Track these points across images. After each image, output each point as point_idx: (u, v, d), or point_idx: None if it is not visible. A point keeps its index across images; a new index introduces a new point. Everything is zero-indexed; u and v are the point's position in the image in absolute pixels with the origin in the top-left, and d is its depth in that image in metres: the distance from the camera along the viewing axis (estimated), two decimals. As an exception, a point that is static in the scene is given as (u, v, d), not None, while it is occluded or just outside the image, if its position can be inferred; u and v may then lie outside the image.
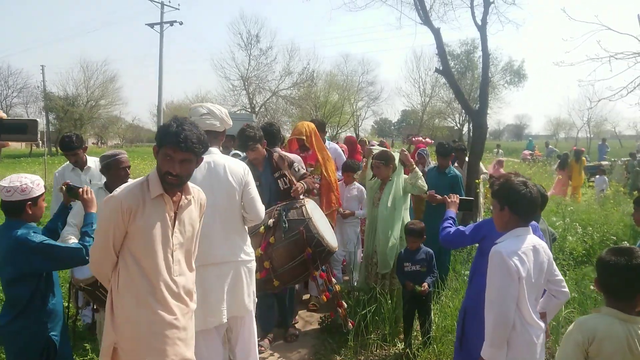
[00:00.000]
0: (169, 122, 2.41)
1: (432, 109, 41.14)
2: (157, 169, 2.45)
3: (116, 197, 2.37)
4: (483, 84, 8.30)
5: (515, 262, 2.48)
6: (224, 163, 3.29)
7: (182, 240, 2.53)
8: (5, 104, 39.27)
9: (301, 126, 5.27)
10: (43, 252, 2.79)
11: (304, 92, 35.33)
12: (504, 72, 37.04)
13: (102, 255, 2.44)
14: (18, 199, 2.80)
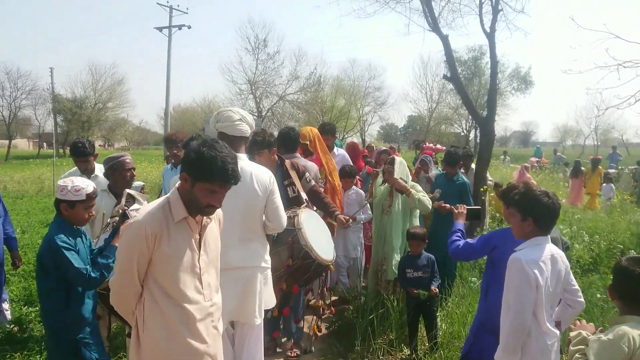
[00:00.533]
0: (205, 152, 2.16)
1: (439, 115, 41.15)
2: (184, 195, 2.26)
3: (139, 222, 2.19)
4: (491, 91, 8.33)
5: (534, 270, 2.51)
6: (251, 170, 3.28)
7: (208, 262, 2.41)
8: (14, 106, 39.51)
9: (305, 131, 5.24)
10: (56, 256, 2.84)
11: (310, 96, 35.44)
12: (511, 78, 37.07)
13: (125, 287, 2.26)
14: (60, 197, 2.93)
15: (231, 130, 3.30)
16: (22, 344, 4.35)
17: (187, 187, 2.21)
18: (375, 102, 42.82)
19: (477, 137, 37.72)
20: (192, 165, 2.18)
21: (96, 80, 42.04)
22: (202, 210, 2.26)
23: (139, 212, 2.25)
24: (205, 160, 2.14)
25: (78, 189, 2.94)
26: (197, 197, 2.20)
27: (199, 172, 2.16)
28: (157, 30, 31.79)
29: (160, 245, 2.20)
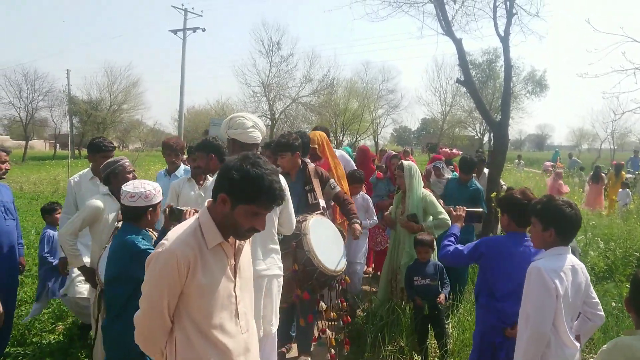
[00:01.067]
0: (250, 170, 1.90)
1: (453, 118, 40.89)
2: (220, 217, 1.99)
3: (169, 250, 1.90)
4: (505, 95, 8.24)
5: (555, 280, 2.48)
6: None
7: (244, 288, 2.17)
8: (31, 107, 40.02)
9: (313, 135, 5.24)
10: (139, 259, 2.70)
11: (324, 99, 35.44)
12: (526, 82, 36.70)
13: (153, 324, 1.99)
14: (141, 204, 2.88)
15: (244, 137, 3.29)
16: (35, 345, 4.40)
17: (226, 210, 1.94)
18: (389, 104, 42.73)
19: (491, 141, 37.41)
20: (235, 185, 1.90)
21: (111, 82, 42.49)
22: (242, 235, 2.02)
23: (169, 240, 1.95)
24: (251, 180, 1.89)
25: (158, 189, 3.00)
26: (237, 221, 1.94)
27: (243, 193, 1.91)
28: (172, 32, 32.05)
29: (195, 275, 1.94)
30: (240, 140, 3.30)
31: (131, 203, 2.87)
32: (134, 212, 2.90)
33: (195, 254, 1.94)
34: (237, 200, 1.92)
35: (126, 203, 2.88)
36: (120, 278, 2.84)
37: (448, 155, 9.22)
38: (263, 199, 1.92)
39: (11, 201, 4.27)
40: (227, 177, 1.91)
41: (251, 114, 3.45)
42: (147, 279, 1.96)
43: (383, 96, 41.74)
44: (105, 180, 3.77)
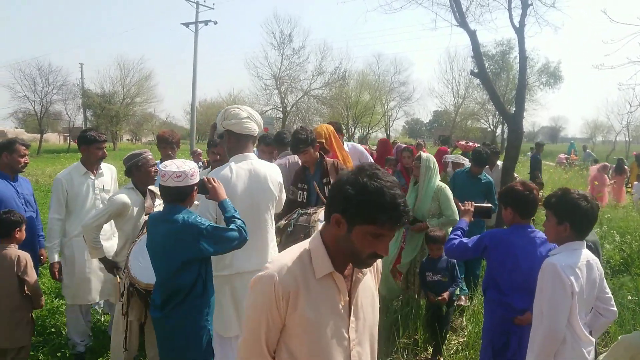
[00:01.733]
0: (368, 184, 1.54)
1: (465, 110, 40.61)
2: (334, 242, 1.66)
3: (270, 275, 1.63)
4: (520, 88, 8.17)
5: (570, 276, 2.45)
6: (265, 172, 3.27)
7: (362, 330, 1.78)
8: (45, 101, 40.33)
9: (320, 129, 5.20)
10: (212, 236, 2.75)
11: (335, 91, 35.40)
12: (540, 73, 36.31)
13: (251, 353, 1.72)
14: (189, 183, 2.82)
15: (238, 128, 3.24)
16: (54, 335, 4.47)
17: (341, 233, 1.60)
18: (401, 97, 42.57)
19: (504, 133, 37.15)
20: (350, 203, 1.56)
21: (124, 75, 42.70)
22: (362, 262, 1.66)
23: (272, 263, 1.69)
24: (369, 196, 1.53)
25: (196, 171, 2.90)
26: (355, 245, 1.60)
27: (362, 211, 1.55)
28: (184, 26, 32.11)
29: (296, 307, 1.64)
30: (235, 132, 3.26)
31: (177, 183, 2.78)
32: (180, 193, 2.82)
33: (298, 283, 1.64)
34: (354, 220, 1.57)
35: (172, 184, 2.78)
36: (187, 263, 2.78)
37: (464, 148, 9.10)
38: (385, 218, 1.54)
39: (31, 194, 4.32)
40: (341, 193, 1.58)
41: (248, 106, 3.42)
42: (248, 302, 1.72)
43: (395, 88, 41.62)
44: (127, 172, 3.77)
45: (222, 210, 2.94)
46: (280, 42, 34.06)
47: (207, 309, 2.89)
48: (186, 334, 2.83)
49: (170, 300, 2.81)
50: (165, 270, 2.82)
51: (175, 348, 2.86)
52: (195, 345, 2.85)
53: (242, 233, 2.82)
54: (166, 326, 2.85)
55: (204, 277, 2.86)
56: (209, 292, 2.90)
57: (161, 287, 2.86)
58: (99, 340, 4.46)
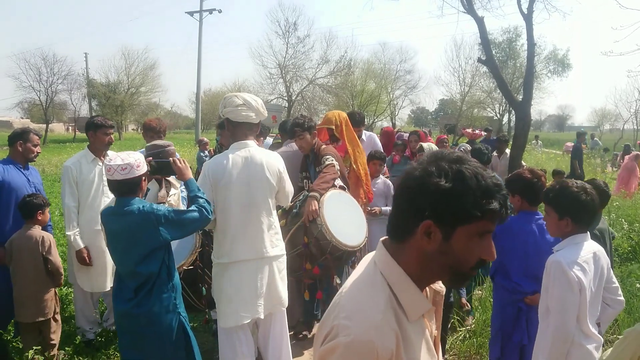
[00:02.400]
0: (465, 170, 1.15)
1: (472, 99, 40.34)
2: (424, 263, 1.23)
3: (363, 341, 1.14)
4: (527, 75, 8.11)
5: (577, 273, 2.36)
6: (261, 158, 3.22)
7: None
8: (50, 91, 40.43)
9: (331, 115, 5.03)
10: (171, 221, 2.79)
11: (340, 80, 35.24)
12: (548, 61, 35.98)
13: None
14: (135, 175, 2.80)
15: (234, 115, 3.20)
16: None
17: (434, 246, 1.18)
18: (406, 85, 42.38)
19: (510, 121, 36.95)
20: (449, 198, 1.15)
21: (129, 65, 42.68)
22: (465, 276, 1.25)
23: (353, 321, 1.17)
24: (472, 182, 1.15)
25: (142, 158, 2.89)
26: (458, 255, 1.19)
27: (465, 205, 1.14)
28: (189, 14, 31.98)
29: None
30: (232, 119, 3.23)
31: (124, 176, 2.76)
32: (129, 184, 2.81)
33: (398, 337, 1.19)
34: (455, 221, 1.16)
35: (119, 177, 2.76)
36: (151, 252, 2.81)
37: (471, 135, 9.02)
38: (494, 206, 1.15)
39: (40, 183, 4.33)
40: (428, 191, 1.16)
41: (250, 94, 3.36)
42: None
43: (400, 77, 41.46)
44: None
45: (187, 189, 3.02)
46: (285, 31, 33.94)
47: (174, 294, 2.92)
48: (158, 321, 2.85)
49: (140, 291, 2.84)
50: (132, 261, 2.83)
51: (149, 336, 2.87)
52: (168, 330, 2.88)
53: (203, 212, 2.86)
54: (137, 316, 2.85)
55: (167, 263, 2.89)
56: (173, 277, 2.94)
57: (129, 279, 2.87)
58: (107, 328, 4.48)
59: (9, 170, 4.01)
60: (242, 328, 3.25)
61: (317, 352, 1.21)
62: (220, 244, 3.23)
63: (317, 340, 1.24)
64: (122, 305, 2.89)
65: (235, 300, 3.18)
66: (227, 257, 3.19)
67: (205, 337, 4.37)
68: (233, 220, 3.16)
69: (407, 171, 1.24)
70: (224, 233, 3.20)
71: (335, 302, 1.26)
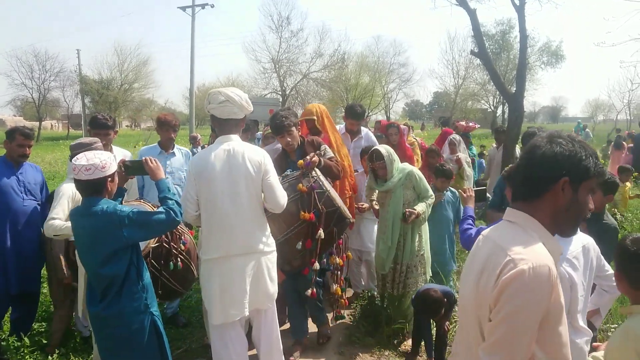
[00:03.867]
0: (573, 137, 1.58)
1: (466, 91, 40.48)
2: (557, 214, 1.55)
3: (543, 266, 1.42)
4: (520, 67, 8.12)
5: (566, 269, 2.32)
6: (243, 151, 3.16)
7: None
8: (43, 88, 40.23)
9: (312, 107, 4.91)
10: (135, 222, 2.73)
11: (334, 74, 35.24)
12: (541, 52, 36.09)
13: None
14: (99, 176, 2.72)
15: (218, 112, 3.18)
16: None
17: (567, 198, 1.53)
18: (400, 78, 42.50)
19: (504, 114, 37.05)
20: (575, 159, 1.52)
21: (122, 61, 42.48)
22: (579, 223, 1.63)
23: (527, 254, 1.46)
24: (588, 152, 1.54)
25: (112, 158, 2.83)
26: (582, 206, 1.56)
27: (587, 164, 1.53)
28: (181, 9, 31.78)
29: (552, 294, 1.47)
30: (216, 116, 3.20)
31: (88, 176, 2.69)
32: (94, 185, 2.74)
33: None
34: (582, 177, 1.53)
35: (83, 177, 2.70)
36: (115, 253, 2.75)
37: (464, 128, 8.86)
38: (600, 168, 1.56)
39: (37, 182, 4.27)
40: (561, 157, 1.52)
41: (236, 88, 3.30)
42: (514, 307, 1.42)
43: (394, 70, 41.55)
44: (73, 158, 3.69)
45: (157, 189, 2.97)
46: (278, 25, 33.91)
47: (145, 294, 2.86)
48: (128, 322, 2.80)
49: (108, 292, 2.78)
50: (95, 263, 2.78)
51: (120, 338, 2.82)
52: (139, 331, 2.83)
53: (171, 214, 2.80)
54: (107, 317, 2.80)
55: (136, 263, 2.83)
56: (143, 277, 2.88)
57: (95, 280, 2.83)
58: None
59: None
60: (232, 325, 3.23)
61: (497, 287, 1.44)
62: (207, 239, 3.19)
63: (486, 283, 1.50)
64: (92, 307, 2.85)
65: (223, 298, 3.14)
66: (214, 252, 3.15)
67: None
68: (217, 214, 3.11)
69: (536, 145, 1.58)
70: (209, 228, 3.17)
71: (490, 253, 1.55)
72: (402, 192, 4.22)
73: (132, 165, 3.17)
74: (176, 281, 3.58)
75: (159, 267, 3.47)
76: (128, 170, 3.17)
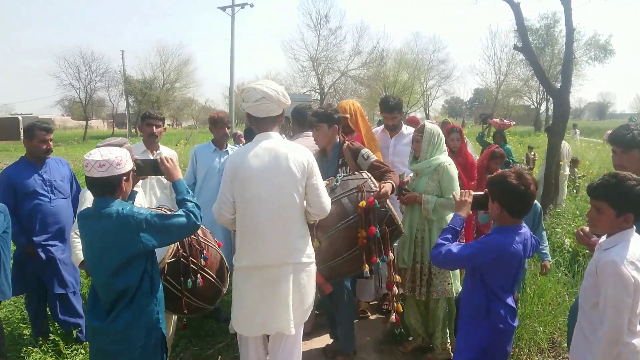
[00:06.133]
0: None
1: (507, 87, 39.51)
2: None
3: None
4: (566, 61, 7.85)
5: (632, 273, 2.22)
6: (286, 151, 2.83)
7: None
8: (89, 88, 41.68)
9: (345, 103, 4.69)
10: (153, 226, 2.47)
11: (373, 71, 35.04)
12: (588, 47, 34.87)
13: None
14: (114, 173, 2.47)
15: (254, 110, 2.89)
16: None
17: None
18: (440, 75, 41.88)
19: (548, 110, 36.04)
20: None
21: (164, 61, 43.54)
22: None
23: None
24: None
25: (128, 155, 2.59)
26: None
27: None
28: (221, 9, 32.22)
29: None
30: (252, 115, 2.93)
31: (101, 173, 2.44)
32: (107, 184, 2.48)
33: None
34: None
35: (95, 174, 2.44)
36: (129, 260, 2.49)
37: (499, 125, 8.59)
38: None
39: (64, 178, 4.14)
40: None
41: (271, 81, 3.00)
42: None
43: (434, 67, 40.99)
44: None
45: (175, 191, 2.74)
46: (317, 23, 33.90)
47: (157, 307, 2.60)
48: (136, 338, 2.53)
49: (117, 304, 2.52)
50: (107, 271, 2.51)
51: (123, 355, 2.54)
52: (146, 349, 2.57)
53: (191, 218, 2.56)
54: (111, 332, 2.52)
55: (150, 272, 2.58)
56: (157, 289, 2.63)
57: (104, 291, 2.56)
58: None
59: (19, 174, 3.89)
60: (253, 339, 3.00)
61: None
62: (240, 245, 2.91)
63: None
64: (95, 321, 2.57)
65: (248, 311, 2.89)
66: (247, 260, 2.87)
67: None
68: (252, 218, 2.81)
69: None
70: (243, 232, 2.88)
71: None
72: (425, 182, 3.89)
73: (144, 164, 2.87)
74: (197, 298, 3.18)
75: (179, 286, 3.07)
76: (140, 170, 2.85)
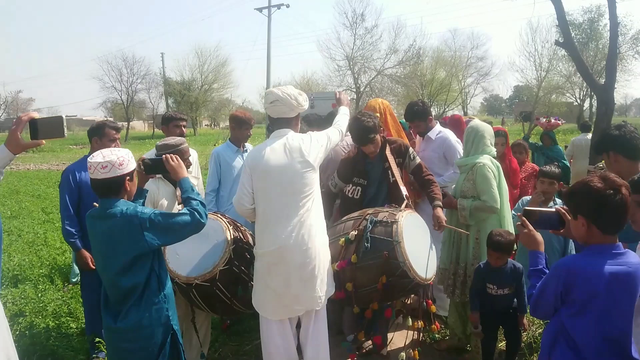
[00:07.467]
0: None
1: (549, 84, 38.41)
2: None
3: None
4: (610, 56, 7.62)
5: None
6: (299, 141, 3.14)
7: None
8: (131, 90, 42.85)
9: (374, 102, 4.65)
10: (157, 225, 2.51)
11: (409, 70, 34.73)
12: (634, 41, 33.55)
13: None
14: (117, 174, 2.52)
15: (270, 111, 3.23)
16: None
17: None
18: (478, 72, 41.00)
19: (592, 107, 34.91)
20: None
21: (202, 62, 44.26)
22: None
23: None
24: None
25: (130, 155, 2.63)
26: None
27: None
28: (257, 11, 32.59)
29: None
30: (270, 115, 3.28)
31: (105, 175, 2.49)
32: (111, 185, 2.53)
33: None
34: None
35: (99, 176, 2.49)
36: (135, 260, 2.54)
37: (547, 126, 7.87)
38: None
39: None
40: None
41: (290, 87, 3.24)
42: None
43: (472, 64, 40.15)
44: None
45: (180, 189, 2.80)
46: (353, 22, 33.80)
47: (166, 305, 2.64)
48: (147, 335, 2.58)
49: (125, 303, 2.57)
50: (113, 270, 2.56)
51: (136, 352, 2.59)
52: (159, 345, 2.62)
53: (196, 216, 2.59)
54: (123, 331, 2.58)
55: (157, 271, 2.63)
56: (165, 286, 2.67)
57: (113, 290, 2.62)
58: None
59: (83, 172, 3.85)
60: (281, 322, 3.18)
61: None
62: (261, 232, 3.13)
63: None
64: (108, 318, 2.63)
65: (277, 294, 3.09)
66: (271, 245, 3.05)
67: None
68: (273, 207, 3.06)
69: None
70: (263, 220, 3.12)
71: None
72: (462, 180, 3.84)
73: (152, 163, 3.00)
74: (240, 303, 3.38)
75: (227, 292, 3.27)
76: (147, 168, 2.98)
